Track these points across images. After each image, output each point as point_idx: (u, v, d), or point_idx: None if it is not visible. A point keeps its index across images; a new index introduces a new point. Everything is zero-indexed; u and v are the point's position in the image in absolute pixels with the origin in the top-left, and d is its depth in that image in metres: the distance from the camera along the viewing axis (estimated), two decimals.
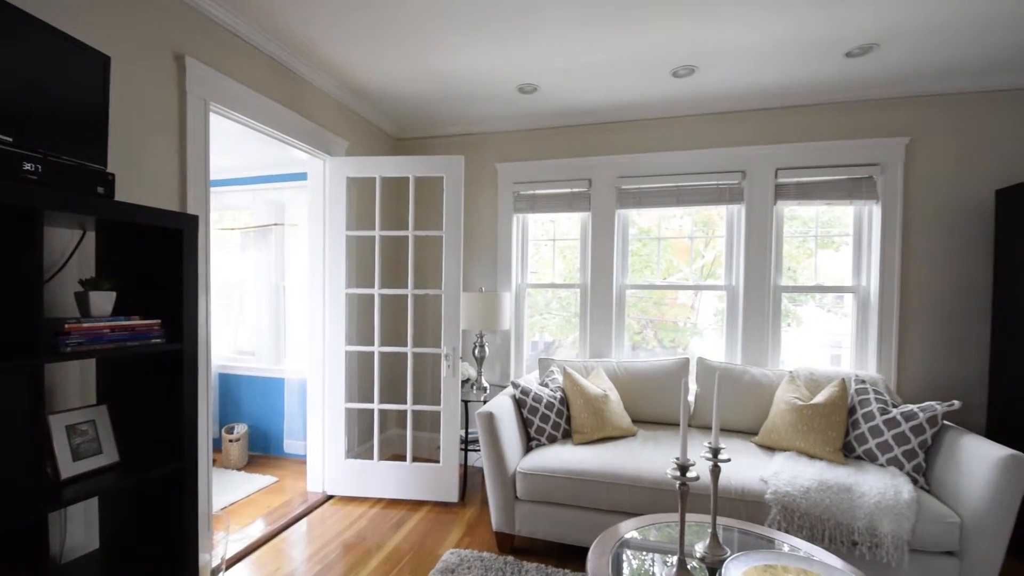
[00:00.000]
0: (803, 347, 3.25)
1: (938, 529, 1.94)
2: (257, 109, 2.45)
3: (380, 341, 3.05)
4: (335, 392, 3.03)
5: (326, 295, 3.03)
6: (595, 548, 1.64)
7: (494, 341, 3.60)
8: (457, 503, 2.99)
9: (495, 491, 2.42)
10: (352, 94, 3.14)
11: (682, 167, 3.21)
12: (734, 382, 2.84)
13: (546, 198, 3.49)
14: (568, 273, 3.64)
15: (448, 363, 2.95)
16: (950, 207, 2.85)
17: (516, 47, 2.50)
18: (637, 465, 2.33)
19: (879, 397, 2.42)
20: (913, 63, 2.59)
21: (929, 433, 2.21)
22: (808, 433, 2.41)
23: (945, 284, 2.86)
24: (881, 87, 2.87)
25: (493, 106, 3.27)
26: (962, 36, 2.33)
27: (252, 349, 4.00)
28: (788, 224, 3.19)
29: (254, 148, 3.40)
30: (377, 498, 3.06)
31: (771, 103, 3.06)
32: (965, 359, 2.84)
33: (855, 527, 1.98)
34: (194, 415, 1.72)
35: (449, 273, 2.95)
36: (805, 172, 3.01)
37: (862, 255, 3.04)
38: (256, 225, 3.92)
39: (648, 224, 3.51)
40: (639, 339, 3.58)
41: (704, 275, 3.46)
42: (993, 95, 2.78)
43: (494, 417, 2.39)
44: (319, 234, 3.04)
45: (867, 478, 2.12)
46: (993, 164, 2.79)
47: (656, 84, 2.89)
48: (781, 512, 2.07)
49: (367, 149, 3.44)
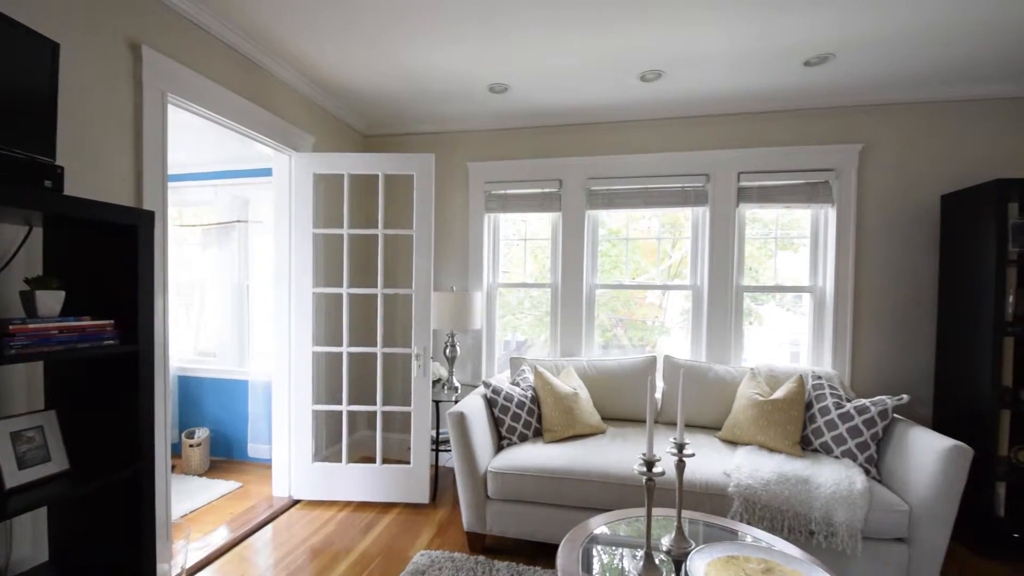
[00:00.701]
0: (764, 345, 3.37)
1: (889, 517, 2.04)
2: (219, 102, 2.37)
3: (349, 341, 3.00)
4: (302, 394, 2.97)
5: (292, 294, 2.95)
6: (565, 544, 1.65)
7: (465, 341, 3.59)
8: (428, 504, 2.97)
9: (466, 491, 2.42)
10: (320, 89, 3.07)
11: (650, 169, 3.28)
12: (699, 379, 2.91)
13: (517, 198, 3.50)
14: (539, 273, 3.67)
15: (419, 363, 2.92)
16: (899, 211, 3.01)
17: (488, 47, 2.50)
18: (606, 462, 2.37)
19: (834, 392, 2.53)
20: (866, 73, 2.72)
21: (880, 426, 2.32)
22: (768, 427, 2.50)
23: (895, 284, 3.02)
24: (837, 95, 3.00)
25: (464, 105, 3.26)
26: (910, 49, 2.46)
27: (214, 350, 3.87)
28: (750, 226, 3.30)
29: (216, 142, 3.29)
30: (346, 501, 3.00)
31: (734, 109, 3.16)
32: (913, 355, 3.01)
33: (812, 517, 2.06)
34: (150, 419, 1.65)
35: (420, 272, 2.93)
36: (766, 176, 3.12)
37: (818, 256, 3.17)
38: (218, 222, 3.79)
39: (617, 225, 3.57)
40: (609, 337, 3.64)
41: (671, 275, 3.54)
42: (939, 105, 2.95)
43: (465, 417, 2.38)
44: (285, 232, 2.96)
45: (823, 470, 2.21)
46: (939, 171, 2.96)
47: (625, 87, 2.94)
48: (743, 504, 2.14)
49: (335, 145, 3.38)
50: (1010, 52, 2.47)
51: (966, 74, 2.72)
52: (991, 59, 2.55)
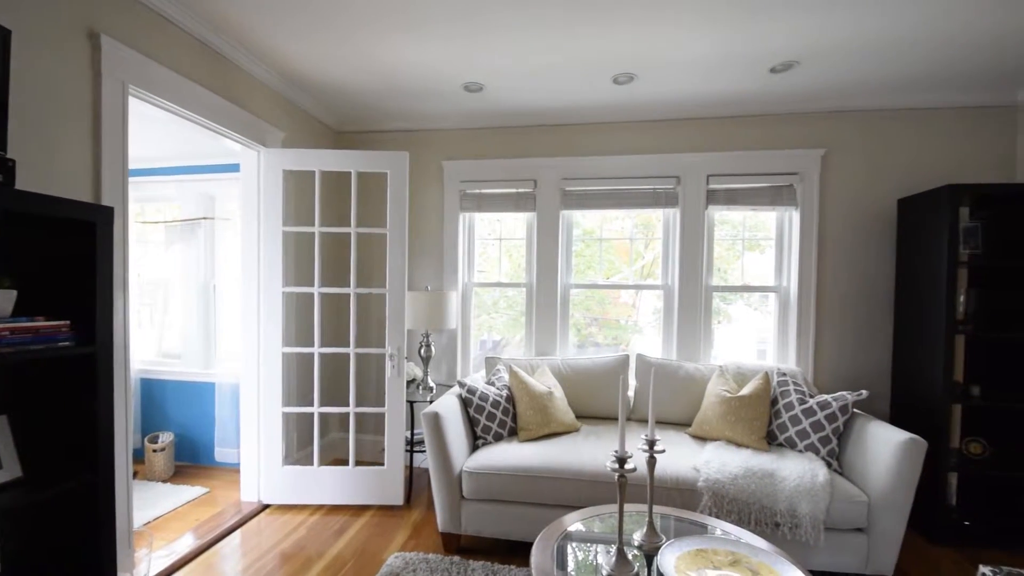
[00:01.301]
0: (733, 343, 3.46)
1: (849, 508, 2.12)
2: (183, 95, 2.29)
3: (320, 342, 2.95)
4: (271, 396, 2.90)
5: (261, 294, 2.88)
6: (539, 542, 1.67)
7: (440, 340, 3.58)
8: (402, 506, 2.95)
9: (441, 491, 2.41)
10: (290, 84, 3.01)
11: (622, 171, 3.33)
12: (670, 377, 2.97)
13: (492, 197, 3.50)
14: (515, 272, 3.68)
15: (393, 363, 2.89)
16: (859, 214, 3.13)
17: (462, 46, 2.49)
18: (580, 459, 2.39)
19: (798, 388, 2.62)
20: (829, 81, 2.82)
21: (841, 420, 2.42)
22: (736, 423, 2.57)
23: (855, 284, 3.14)
24: (801, 102, 3.10)
25: (439, 103, 3.24)
26: (871, 59, 2.56)
27: (179, 352, 3.74)
28: (719, 228, 3.38)
29: (181, 136, 3.18)
30: (318, 505, 2.95)
31: (704, 113, 3.23)
32: (872, 352, 3.14)
33: (777, 509, 2.13)
34: (110, 424, 1.59)
35: (394, 271, 2.90)
36: (734, 179, 3.21)
37: (783, 257, 3.28)
38: (183, 219, 3.67)
39: (592, 225, 3.61)
40: (584, 337, 3.68)
41: (644, 275, 3.60)
42: (897, 112, 3.08)
43: (440, 417, 2.37)
44: (253, 229, 2.89)
45: (787, 463, 2.29)
46: (896, 175, 3.09)
47: (598, 90, 2.97)
48: (712, 498, 2.19)
49: (306, 141, 3.31)
50: (963, 65, 2.60)
51: (923, 84, 2.85)
52: (946, 71, 2.68)
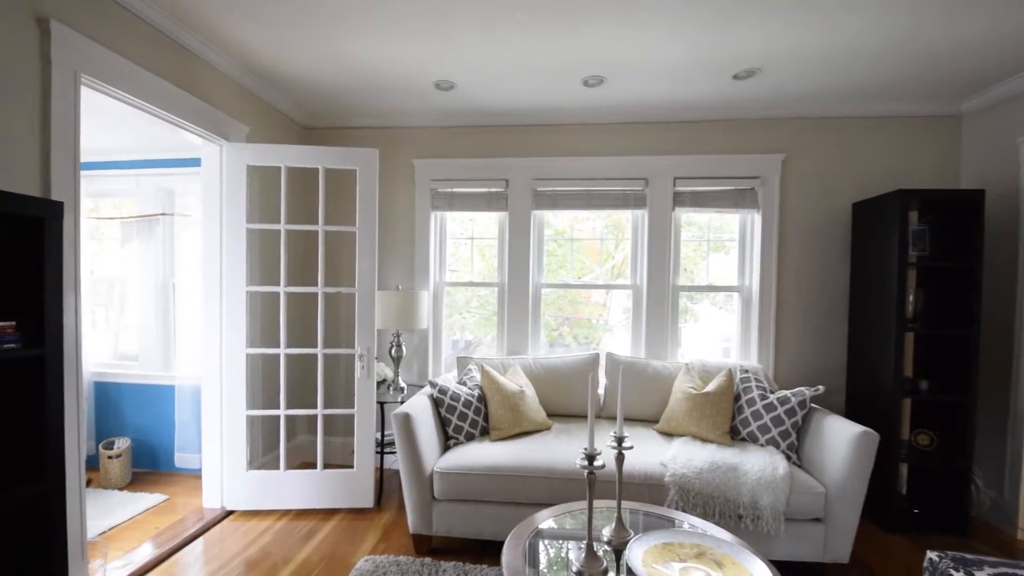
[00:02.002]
0: (700, 341, 3.56)
1: (808, 499, 2.22)
2: (140, 85, 2.20)
3: (286, 342, 2.88)
4: (234, 399, 2.81)
5: (224, 293, 2.79)
6: (510, 540, 1.68)
7: (412, 340, 3.54)
8: (373, 508, 2.91)
9: (412, 493, 2.39)
10: (255, 77, 2.93)
11: (593, 172, 3.37)
12: (638, 375, 3.03)
13: (464, 197, 3.49)
14: (487, 272, 3.68)
15: (362, 364, 2.85)
16: (816, 217, 3.27)
17: (434, 43, 2.48)
18: (551, 458, 2.41)
19: (759, 384, 2.72)
20: (789, 88, 2.93)
21: (800, 415, 2.52)
22: (701, 419, 2.65)
23: (812, 284, 3.28)
24: (763, 108, 3.21)
25: (410, 100, 3.21)
26: (828, 68, 2.68)
27: (136, 354, 3.58)
28: (685, 229, 3.47)
29: (139, 129, 3.06)
30: (284, 510, 2.88)
31: (671, 117, 3.31)
32: (828, 349, 3.28)
33: (740, 502, 2.21)
34: (60, 430, 1.51)
35: (363, 271, 2.85)
36: (699, 182, 3.30)
37: (745, 258, 3.39)
38: (141, 215, 3.52)
39: (563, 226, 3.64)
40: (555, 336, 3.71)
41: (614, 275, 3.66)
42: (853, 120, 3.23)
43: (411, 418, 2.35)
44: (215, 226, 2.80)
45: (750, 457, 2.37)
46: (851, 180, 3.24)
47: (569, 91, 3.00)
48: (679, 493, 2.25)
49: (271, 136, 3.22)
50: (912, 77, 2.75)
51: (875, 94, 3.00)
52: (897, 82, 2.82)
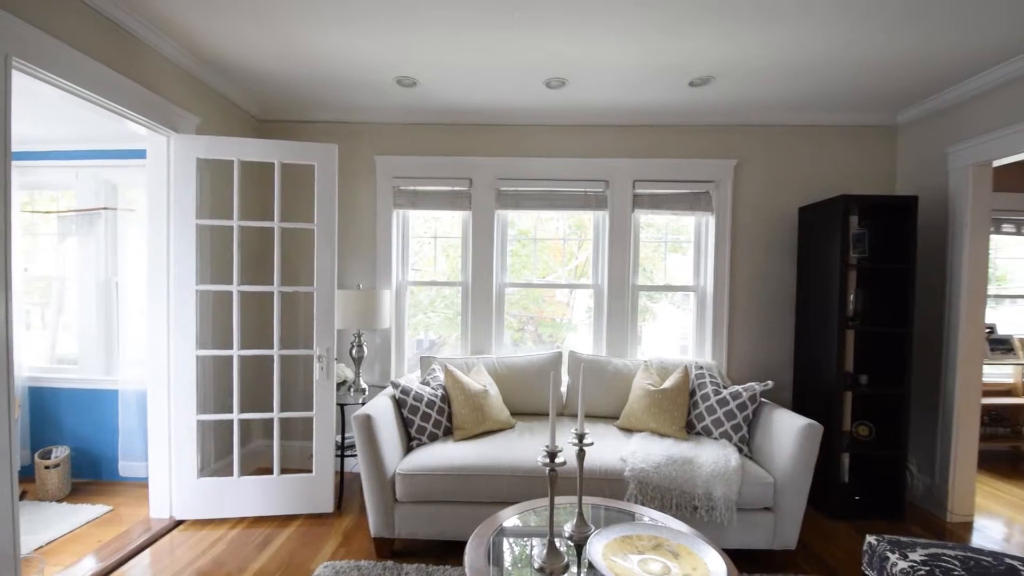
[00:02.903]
0: (659, 339, 3.67)
1: (758, 489, 2.32)
2: (79, 71, 2.07)
3: (240, 343, 2.78)
4: (183, 403, 2.69)
5: (171, 292, 2.67)
6: (473, 540, 1.68)
7: (373, 340, 3.48)
8: (333, 513, 2.85)
9: (373, 496, 2.35)
10: (206, 66, 2.80)
11: (555, 173, 3.41)
12: (599, 372, 3.09)
13: (427, 195, 3.46)
14: (451, 271, 3.66)
15: (321, 365, 2.78)
16: (766, 220, 3.42)
17: (394, 38, 2.44)
18: (515, 456, 2.43)
19: (713, 380, 2.83)
20: (740, 96, 3.06)
21: (751, 409, 2.63)
22: (659, 415, 2.73)
23: (762, 284, 3.44)
24: (717, 114, 3.33)
25: (371, 96, 3.15)
26: (777, 78, 2.80)
27: (75, 357, 3.37)
28: (645, 230, 3.56)
29: (79, 117, 2.88)
30: (239, 518, 2.78)
31: (630, 120, 3.39)
32: (776, 346, 3.44)
33: (696, 493, 2.29)
34: None
35: (322, 269, 2.78)
36: (657, 185, 3.39)
37: (700, 259, 3.52)
38: (80, 208, 3.31)
39: (527, 226, 3.67)
40: (520, 336, 3.74)
41: (577, 275, 3.72)
42: (800, 128, 3.40)
43: (372, 419, 2.32)
44: (162, 222, 2.67)
45: (704, 450, 2.46)
46: (798, 185, 3.41)
47: (531, 92, 3.03)
48: (637, 487, 2.32)
49: (224, 128, 3.10)
50: (854, 89, 2.91)
51: (821, 104, 3.16)
52: (840, 92, 2.98)
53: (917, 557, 1.60)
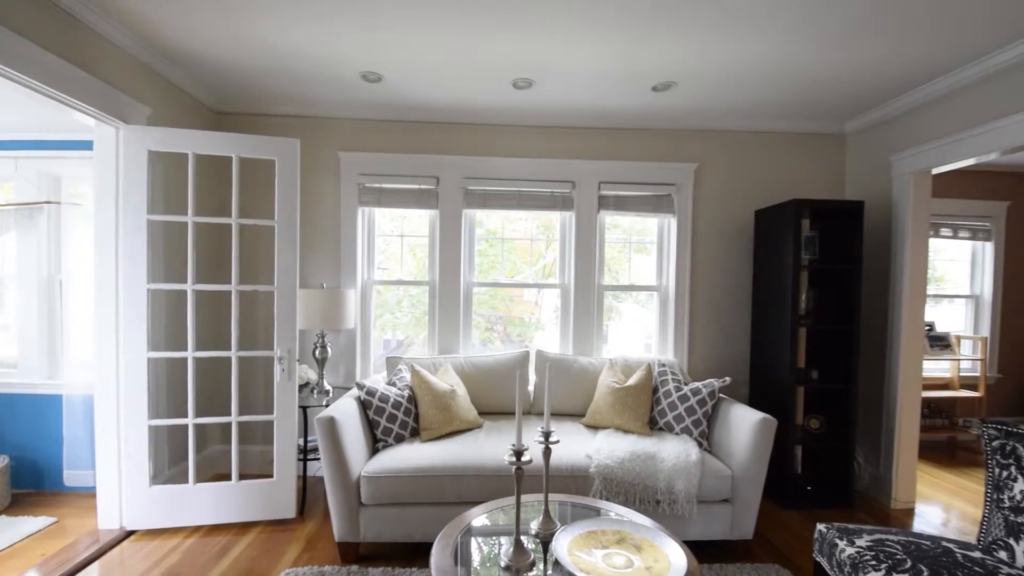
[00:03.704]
0: (625, 338, 3.74)
1: (717, 482, 2.40)
2: (18, 56, 1.94)
3: (195, 345, 2.67)
4: (134, 408, 2.57)
5: (121, 291, 2.54)
6: (439, 541, 1.68)
7: (338, 341, 3.41)
8: (295, 518, 2.78)
9: (337, 499, 2.31)
10: (159, 55, 2.68)
11: (523, 173, 3.43)
12: (566, 371, 3.13)
13: (394, 193, 3.41)
14: (419, 270, 3.63)
15: (282, 367, 2.71)
16: (724, 222, 3.55)
17: (360, 34, 2.40)
18: (482, 455, 2.43)
19: (675, 377, 2.91)
20: (701, 102, 3.15)
21: (710, 405, 2.72)
22: (623, 411, 2.79)
23: (721, 284, 3.56)
24: (678, 119, 3.43)
25: (335, 90, 3.08)
26: (735, 86, 2.90)
27: (15, 360, 3.16)
28: (610, 231, 3.63)
29: (19, 104, 2.71)
30: (195, 526, 2.68)
31: (596, 123, 3.45)
32: (734, 343, 3.57)
33: (658, 488, 2.35)
34: None
35: (283, 267, 2.71)
36: (622, 187, 3.46)
37: (663, 260, 3.61)
38: (19, 202, 3.10)
39: (495, 225, 3.67)
40: (488, 336, 3.74)
41: (545, 275, 3.75)
42: (756, 135, 3.53)
43: (335, 421, 2.27)
44: (110, 217, 2.54)
45: (666, 445, 2.53)
46: (754, 189, 3.55)
47: (498, 92, 3.03)
48: (603, 483, 2.36)
49: (178, 120, 2.97)
50: (807, 97, 3.05)
51: (776, 112, 3.30)
52: (793, 101, 3.12)
53: (863, 543, 1.69)
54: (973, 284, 4.64)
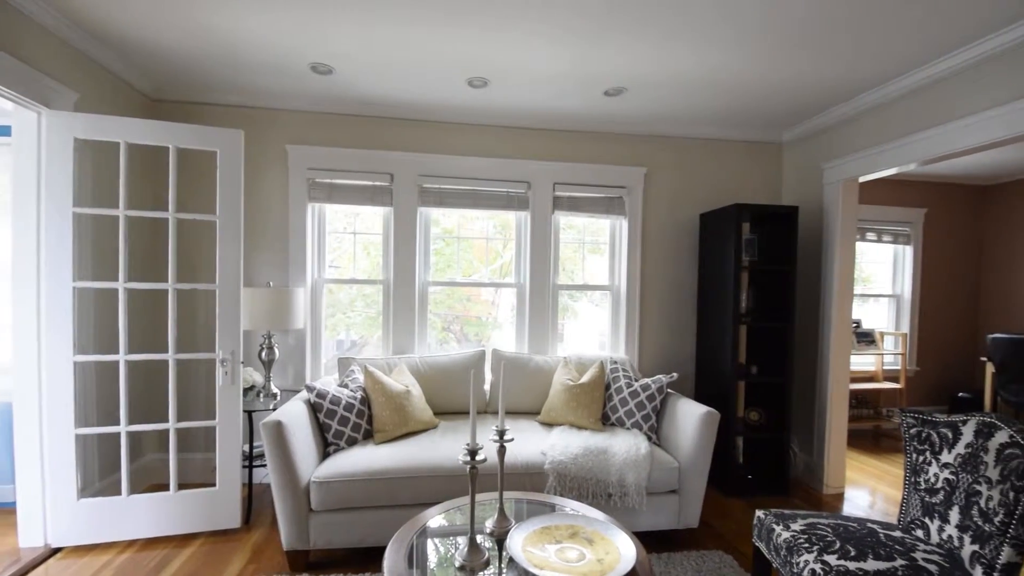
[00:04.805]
0: (580, 336, 3.82)
1: (665, 474, 2.50)
2: None
3: (128, 347, 2.50)
4: (60, 416, 2.37)
5: (43, 290, 2.34)
6: (393, 543, 1.65)
7: (286, 342, 3.29)
8: (240, 528, 2.66)
9: (285, 506, 2.23)
10: (88, 36, 2.49)
11: (479, 172, 3.43)
12: (521, 369, 3.16)
13: (345, 189, 3.32)
14: (372, 269, 3.55)
15: (225, 369, 2.58)
16: (672, 225, 3.69)
17: (309, 23, 2.32)
18: (437, 456, 2.42)
19: (626, 374, 3.00)
20: (650, 108, 3.26)
21: (659, 400, 2.83)
22: (577, 408, 2.84)
23: (669, 284, 3.70)
24: (629, 124, 3.54)
25: (283, 80, 2.96)
26: (682, 94, 3.02)
27: None
28: (565, 231, 3.69)
29: None
30: (130, 541, 2.51)
31: (551, 125, 3.50)
32: (681, 340, 3.72)
33: (610, 482, 2.42)
34: None
35: (226, 265, 2.58)
36: (576, 188, 3.53)
37: (615, 260, 3.71)
38: None
39: (451, 225, 3.65)
40: (445, 335, 3.71)
41: (502, 274, 3.76)
42: (701, 141, 3.69)
43: (283, 426, 2.19)
44: (31, 209, 2.33)
45: (617, 440, 2.60)
46: (699, 194, 3.71)
47: (454, 90, 3.01)
48: (557, 479, 2.40)
49: (110, 107, 2.77)
50: (747, 107, 3.21)
51: (719, 120, 3.46)
52: (734, 111, 3.28)
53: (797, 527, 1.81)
54: (895, 284, 5.04)
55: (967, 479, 1.67)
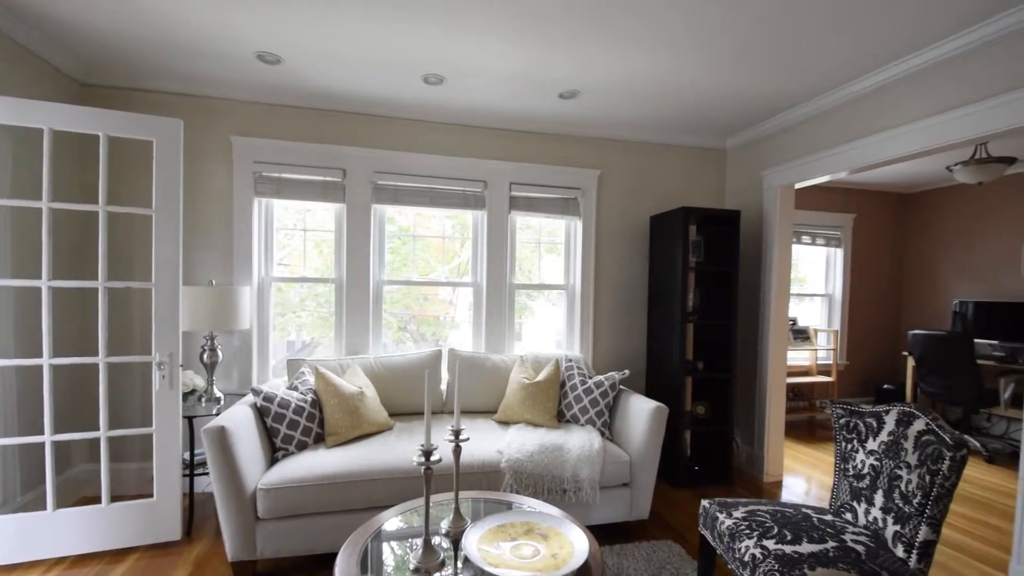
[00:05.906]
0: (537, 335, 3.86)
1: (617, 468, 2.57)
2: None
3: (53, 351, 2.32)
4: None
5: None
6: (345, 548, 1.62)
7: (231, 343, 3.14)
8: (181, 540, 2.52)
9: (230, 516, 2.13)
10: (7, 14, 2.28)
11: (435, 170, 3.40)
12: (478, 368, 3.16)
13: (295, 184, 3.21)
14: (324, 267, 3.44)
15: (163, 373, 2.44)
16: (624, 226, 3.79)
17: (255, 9, 2.23)
18: (392, 458, 2.38)
19: (580, 371, 3.06)
20: (603, 112, 3.34)
21: (611, 396, 2.90)
22: (533, 406, 2.88)
23: (621, 283, 3.80)
24: (583, 127, 3.61)
25: (226, 69, 2.83)
26: (633, 99, 3.11)
27: None
28: (522, 231, 3.72)
29: None
30: (57, 559, 2.32)
31: (507, 125, 3.51)
32: (633, 337, 3.83)
33: (564, 477, 2.46)
34: None
35: (163, 261, 2.44)
36: (532, 188, 3.57)
37: (570, 259, 3.78)
38: None
39: (407, 223, 3.60)
40: (401, 335, 3.66)
41: (460, 273, 3.74)
42: (651, 146, 3.82)
43: (226, 431, 2.10)
44: None
45: (572, 436, 2.66)
46: (650, 196, 3.83)
47: (409, 86, 2.97)
48: (513, 476, 2.42)
49: (32, 91, 2.55)
50: (693, 114, 3.35)
51: (668, 126, 3.59)
52: (681, 118, 3.41)
53: (739, 515, 1.91)
54: (827, 284, 5.40)
55: (890, 465, 1.81)
